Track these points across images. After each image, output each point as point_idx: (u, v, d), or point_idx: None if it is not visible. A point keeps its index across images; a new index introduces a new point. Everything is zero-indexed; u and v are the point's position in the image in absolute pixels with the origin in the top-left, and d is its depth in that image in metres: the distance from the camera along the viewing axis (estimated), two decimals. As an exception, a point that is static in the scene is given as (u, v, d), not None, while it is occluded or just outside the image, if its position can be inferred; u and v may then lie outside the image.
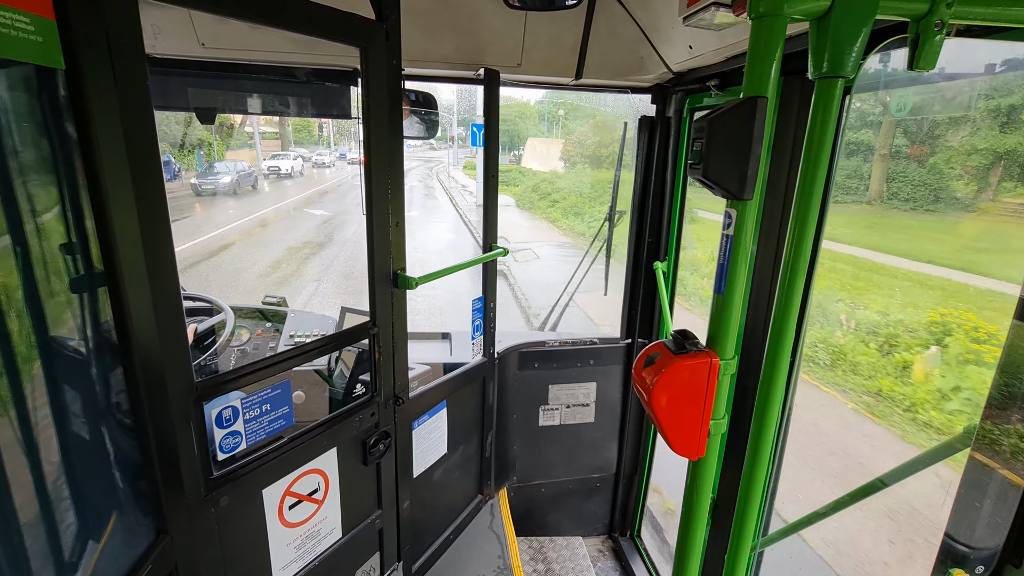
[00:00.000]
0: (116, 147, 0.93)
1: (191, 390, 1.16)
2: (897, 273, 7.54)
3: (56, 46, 0.82)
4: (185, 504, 1.20)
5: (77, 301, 0.96)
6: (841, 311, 6.84)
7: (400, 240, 1.69)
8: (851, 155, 8.80)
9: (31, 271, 0.89)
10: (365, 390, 2.01)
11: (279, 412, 1.45)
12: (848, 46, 0.70)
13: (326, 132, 51.50)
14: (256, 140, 34.18)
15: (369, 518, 1.85)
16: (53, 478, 0.92)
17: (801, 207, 0.78)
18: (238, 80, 2.11)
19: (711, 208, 8.12)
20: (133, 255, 0.98)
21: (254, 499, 1.42)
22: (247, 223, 16.24)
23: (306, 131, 48.28)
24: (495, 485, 2.75)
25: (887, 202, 8.96)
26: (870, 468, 4.62)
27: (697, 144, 0.77)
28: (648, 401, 0.81)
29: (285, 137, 41.97)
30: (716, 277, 0.81)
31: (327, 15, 1.33)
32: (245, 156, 29.42)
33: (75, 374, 0.98)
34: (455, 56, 2.03)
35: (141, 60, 0.96)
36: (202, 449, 1.22)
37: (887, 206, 8.96)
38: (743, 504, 1.01)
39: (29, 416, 0.85)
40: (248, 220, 16.67)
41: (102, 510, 1.04)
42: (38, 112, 0.86)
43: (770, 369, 0.85)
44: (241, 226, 15.82)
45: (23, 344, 0.85)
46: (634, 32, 2.08)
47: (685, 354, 0.80)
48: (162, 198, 1.03)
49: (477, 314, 2.33)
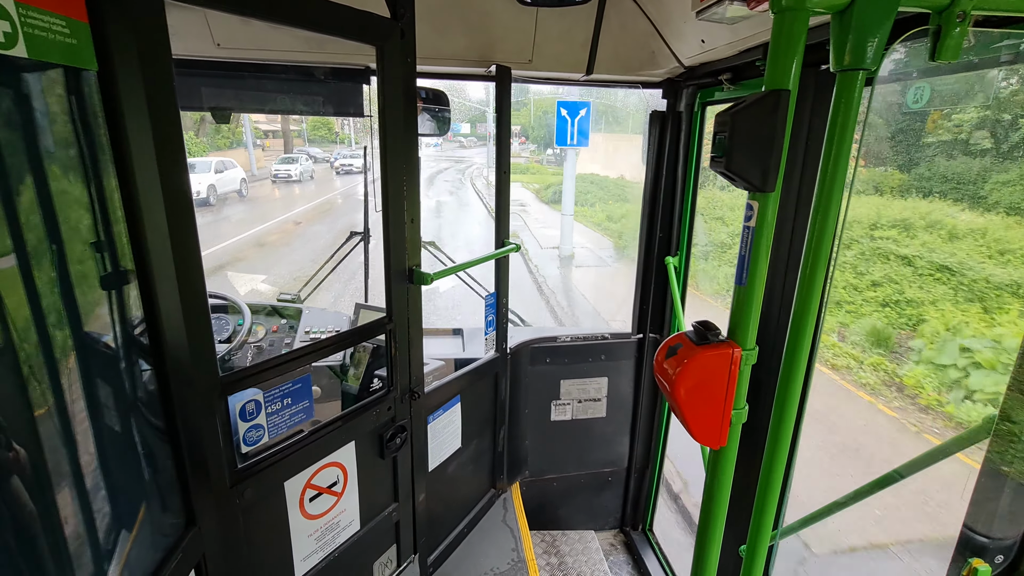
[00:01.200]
0: (146, 147, 0.95)
1: (216, 384, 1.18)
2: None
3: (89, 48, 0.84)
4: (212, 495, 1.23)
5: (108, 298, 0.98)
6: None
7: (416, 236, 1.70)
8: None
9: (65, 269, 0.91)
10: (381, 385, 2.03)
11: (300, 406, 1.48)
12: (870, 38, 0.71)
13: (347, 130, 43.36)
14: (248, 139, 27.23)
15: (386, 511, 1.88)
16: (89, 470, 0.95)
17: (823, 199, 0.79)
18: (252, 79, 2.13)
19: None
20: (162, 253, 1.01)
21: (277, 491, 1.45)
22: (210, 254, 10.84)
23: (325, 128, 42.35)
24: (508, 479, 2.77)
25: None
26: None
27: (720, 137, 0.78)
28: (671, 392, 0.83)
29: (288, 136, 35.99)
30: (737, 269, 0.82)
31: (344, 14, 1.34)
32: (238, 157, 22.63)
33: (108, 369, 1.00)
34: (467, 53, 2.04)
35: (168, 60, 0.98)
36: (227, 442, 1.25)
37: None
38: (762, 495, 1.02)
39: (67, 409, 0.87)
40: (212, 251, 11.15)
41: (134, 501, 1.07)
42: (72, 112, 0.88)
43: (790, 361, 0.86)
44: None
45: (59, 340, 0.87)
46: (645, 26, 2.08)
47: (707, 344, 0.81)
48: (188, 197, 1.05)
49: (490, 310, 2.35)
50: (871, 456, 4.93)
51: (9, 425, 0.76)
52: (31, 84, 0.78)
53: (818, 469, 4.68)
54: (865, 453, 5.00)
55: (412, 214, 1.67)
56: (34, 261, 0.80)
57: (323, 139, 43.60)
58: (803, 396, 1.43)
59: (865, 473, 4.62)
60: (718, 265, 9.60)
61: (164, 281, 1.02)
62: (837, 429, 5.36)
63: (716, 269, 9.57)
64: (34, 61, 0.75)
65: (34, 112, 0.80)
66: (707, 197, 10.01)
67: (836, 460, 4.86)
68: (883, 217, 7.75)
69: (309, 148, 34.97)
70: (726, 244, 9.69)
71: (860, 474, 4.61)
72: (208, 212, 16.31)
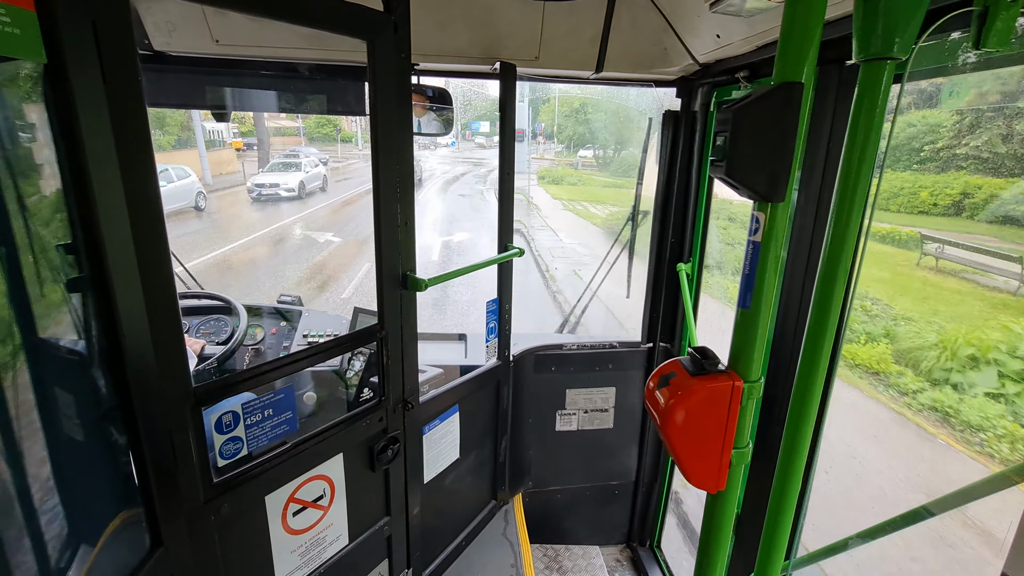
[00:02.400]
0: (105, 145, 0.89)
1: (188, 396, 1.12)
2: None
3: (37, 38, 0.78)
4: (183, 513, 1.17)
5: (65, 304, 0.93)
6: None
7: (409, 240, 1.63)
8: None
9: (18, 272, 0.86)
10: (373, 394, 1.97)
11: (282, 417, 1.41)
12: (902, 23, 0.60)
13: (354, 127, 38.81)
14: (199, 139, 20.45)
15: (377, 524, 1.81)
16: (40, 487, 0.89)
17: (842, 209, 0.68)
18: (252, 77, 2.09)
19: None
20: (123, 258, 0.95)
21: (257, 506, 1.39)
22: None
23: (330, 125, 36.47)
24: (510, 491, 2.68)
25: None
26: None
27: (720, 138, 0.67)
28: (661, 426, 0.73)
29: (264, 143, 24.85)
30: (741, 289, 0.72)
31: (332, 7, 1.28)
32: (189, 161, 16.98)
33: (64, 379, 0.95)
34: (470, 50, 1.96)
35: (132, 55, 0.92)
36: (201, 456, 1.19)
37: None
38: (771, 528, 0.91)
39: (12, 423, 0.82)
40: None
41: (94, 521, 1.01)
42: (20, 107, 0.83)
43: (802, 390, 0.76)
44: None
45: (6, 347, 0.82)
46: (657, 22, 1.97)
47: (704, 375, 0.71)
48: (156, 198, 0.99)
49: (492, 316, 2.27)
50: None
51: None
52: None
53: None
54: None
55: (406, 217, 1.60)
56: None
57: (327, 137, 37.64)
58: (819, 422, 1.31)
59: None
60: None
61: (125, 286, 0.96)
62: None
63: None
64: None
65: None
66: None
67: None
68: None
69: (306, 149, 26.37)
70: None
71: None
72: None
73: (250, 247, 12.27)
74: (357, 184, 23.34)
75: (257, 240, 12.92)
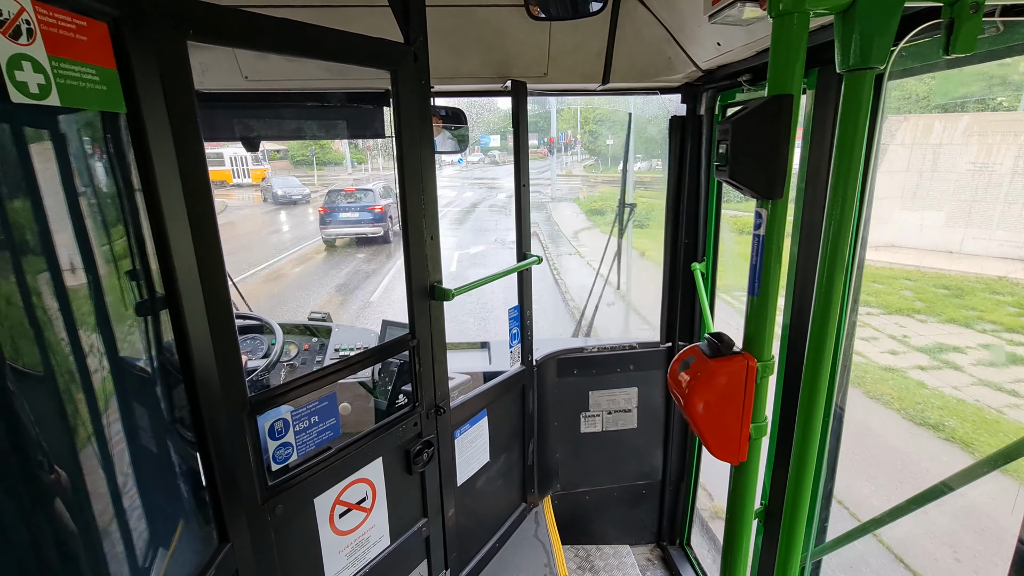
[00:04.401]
0: (173, 179, 1.01)
1: (244, 404, 1.22)
2: None
3: (118, 92, 0.90)
4: (244, 513, 1.27)
5: (142, 324, 1.04)
6: None
7: (435, 253, 1.73)
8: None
9: (101, 297, 0.97)
10: (407, 401, 2.06)
11: (327, 424, 1.51)
12: (876, 36, 0.68)
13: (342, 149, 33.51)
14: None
15: (416, 526, 1.89)
16: (126, 489, 0.99)
17: (836, 204, 0.76)
18: (279, 108, 2.23)
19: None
20: (191, 281, 1.06)
21: (307, 507, 1.48)
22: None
23: (315, 146, 31.47)
24: (539, 493, 2.74)
25: None
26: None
27: (722, 146, 0.76)
28: (685, 406, 0.81)
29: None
30: (749, 279, 0.80)
31: (358, 43, 1.39)
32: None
33: (141, 392, 1.06)
34: (482, 71, 2.07)
35: (191, 98, 1.04)
36: (257, 460, 1.29)
37: None
38: (790, 513, 0.97)
39: (104, 431, 0.92)
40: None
41: (169, 519, 1.11)
42: (107, 151, 0.94)
43: (812, 372, 0.83)
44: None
45: (96, 364, 0.93)
46: (660, 33, 2.07)
47: (721, 357, 0.79)
48: (214, 227, 1.11)
49: (514, 323, 2.35)
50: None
51: (50, 448, 0.81)
52: (65, 127, 0.84)
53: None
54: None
55: (431, 231, 1.70)
56: (71, 292, 0.85)
57: (333, 160, 32.62)
58: (831, 407, 1.37)
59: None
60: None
61: (193, 307, 1.07)
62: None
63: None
64: (67, 107, 0.80)
65: (69, 153, 0.85)
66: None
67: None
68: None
69: (286, 179, 24.64)
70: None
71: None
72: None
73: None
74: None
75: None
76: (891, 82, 1.21)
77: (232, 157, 28.68)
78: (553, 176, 25.62)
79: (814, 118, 1.45)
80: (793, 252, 1.56)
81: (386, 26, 1.59)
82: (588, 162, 30.29)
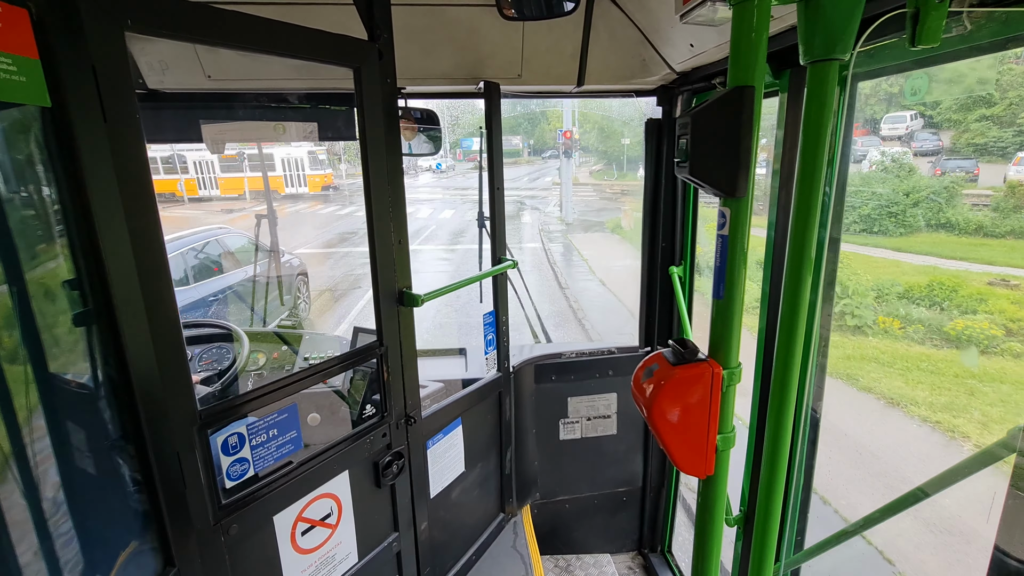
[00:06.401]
0: (107, 183, 0.94)
1: (194, 419, 1.15)
2: None
3: (41, 84, 0.83)
4: (193, 534, 1.19)
5: (75, 337, 0.97)
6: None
7: (404, 258, 1.67)
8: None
9: (28, 308, 0.90)
10: (375, 411, 1.99)
11: (287, 437, 1.44)
12: (840, 27, 0.65)
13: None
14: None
15: (386, 541, 1.82)
16: (55, 514, 0.92)
17: (802, 202, 0.72)
18: (245, 109, 2.16)
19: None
20: (128, 290, 0.99)
21: (265, 526, 1.41)
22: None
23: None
24: (517, 502, 2.69)
25: None
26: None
27: (682, 140, 0.72)
28: (648, 416, 0.76)
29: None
30: (715, 281, 0.76)
31: (317, 38, 1.34)
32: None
33: (75, 408, 0.98)
34: (455, 71, 2.03)
35: (131, 95, 0.97)
36: (209, 477, 1.21)
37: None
38: (763, 521, 0.94)
39: (26, 451, 0.85)
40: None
41: (109, 544, 1.04)
42: (30, 150, 0.87)
43: (781, 377, 0.79)
44: None
45: (18, 380, 0.85)
46: (634, 35, 2.04)
47: (685, 364, 0.75)
48: (158, 232, 1.04)
49: (489, 328, 2.30)
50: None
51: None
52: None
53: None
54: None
55: (400, 235, 1.65)
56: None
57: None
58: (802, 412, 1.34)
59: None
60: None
61: (131, 317, 1.00)
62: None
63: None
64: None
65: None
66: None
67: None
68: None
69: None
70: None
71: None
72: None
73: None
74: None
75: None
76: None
77: (284, 160, 20.77)
78: (568, 193, 17.77)
79: (786, 120, 1.43)
80: (768, 254, 1.53)
81: (353, 24, 1.53)
82: (596, 167, 25.19)
